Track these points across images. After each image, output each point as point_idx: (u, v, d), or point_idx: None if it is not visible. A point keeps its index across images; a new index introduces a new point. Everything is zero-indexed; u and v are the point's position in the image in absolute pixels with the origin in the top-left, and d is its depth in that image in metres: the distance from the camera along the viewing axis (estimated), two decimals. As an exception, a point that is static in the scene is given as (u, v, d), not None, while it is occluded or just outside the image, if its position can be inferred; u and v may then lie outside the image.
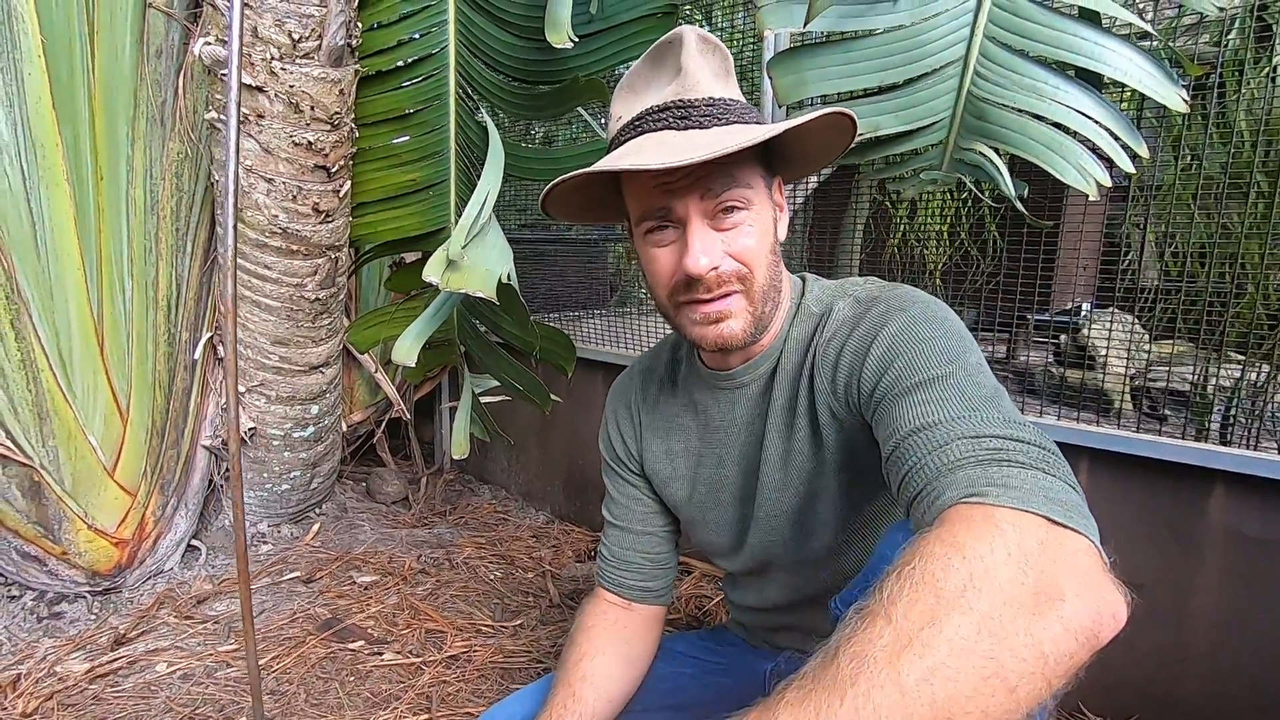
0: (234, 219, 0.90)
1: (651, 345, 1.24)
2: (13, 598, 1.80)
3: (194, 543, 2.07)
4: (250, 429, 2.04)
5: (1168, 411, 1.57)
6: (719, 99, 0.73)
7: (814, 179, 2.14)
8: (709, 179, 0.70)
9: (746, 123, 0.73)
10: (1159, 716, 1.35)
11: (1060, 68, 1.14)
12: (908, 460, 0.59)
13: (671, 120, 0.72)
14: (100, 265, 1.72)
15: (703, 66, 0.74)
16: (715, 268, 0.72)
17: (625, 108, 0.77)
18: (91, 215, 1.68)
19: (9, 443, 1.63)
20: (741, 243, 0.73)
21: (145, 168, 1.73)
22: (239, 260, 1.84)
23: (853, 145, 0.79)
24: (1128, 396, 1.61)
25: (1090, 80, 1.13)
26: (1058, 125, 1.14)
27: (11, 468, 1.66)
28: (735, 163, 0.71)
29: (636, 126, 0.74)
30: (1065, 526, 0.49)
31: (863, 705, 0.41)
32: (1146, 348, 1.64)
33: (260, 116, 1.65)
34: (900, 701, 0.41)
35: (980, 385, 0.63)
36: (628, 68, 0.83)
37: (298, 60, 1.61)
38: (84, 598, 1.83)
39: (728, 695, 1.00)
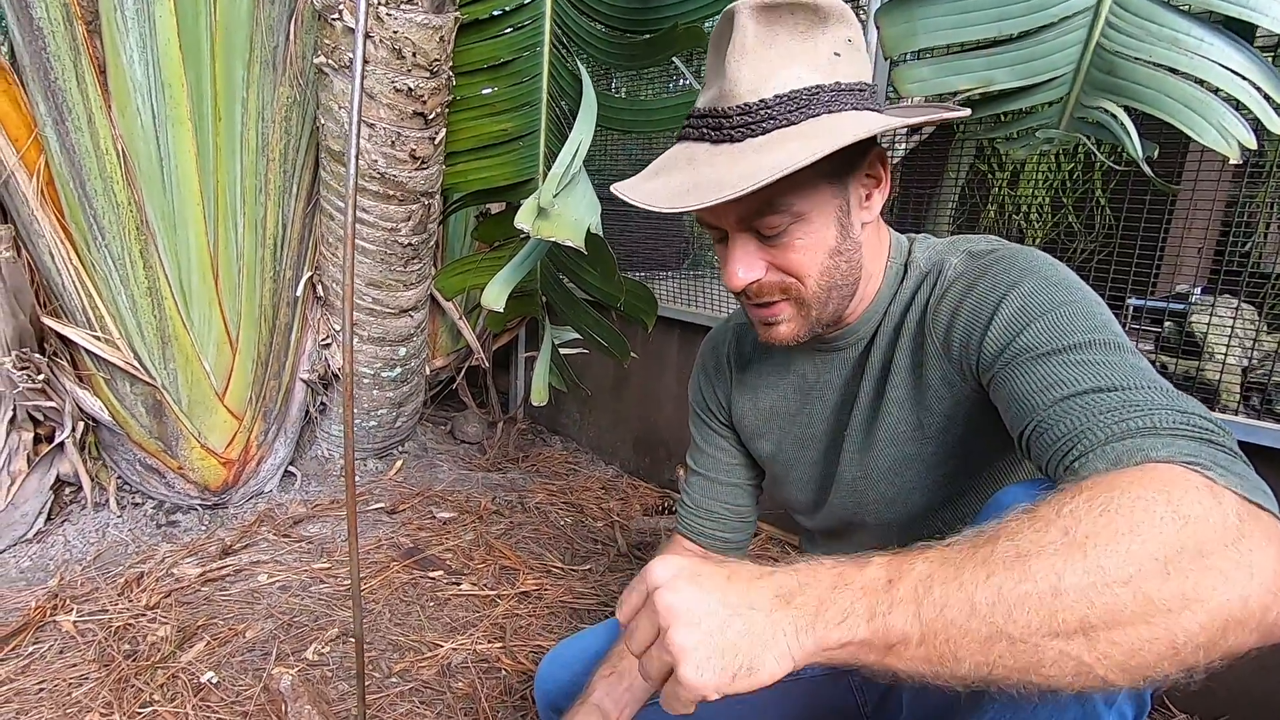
0: (356, 147, 0.94)
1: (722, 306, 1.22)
2: (136, 505, 1.98)
3: (291, 469, 2.22)
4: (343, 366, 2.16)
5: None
6: (757, 103, 0.64)
7: (908, 142, 2.04)
8: (740, 206, 0.66)
9: (795, 122, 0.64)
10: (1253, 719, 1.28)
11: (1206, 17, 1.04)
12: (1077, 417, 0.55)
13: (706, 130, 0.67)
14: (217, 203, 1.83)
15: (752, 57, 0.65)
16: (755, 281, 0.71)
17: (699, 98, 0.73)
18: (210, 155, 1.79)
19: (135, 362, 1.78)
20: (787, 257, 0.70)
21: (258, 110, 1.82)
22: (340, 203, 1.92)
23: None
24: (1235, 392, 1.50)
25: (1240, 32, 1.03)
26: (1198, 81, 1.05)
27: (138, 386, 1.81)
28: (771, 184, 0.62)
29: (684, 129, 0.71)
30: None
31: (1008, 591, 0.42)
32: (1267, 339, 1.51)
33: (365, 61, 1.70)
34: (1048, 603, 0.41)
35: (1143, 360, 0.59)
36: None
37: (402, 6, 1.65)
38: (195, 510, 2.00)
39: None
